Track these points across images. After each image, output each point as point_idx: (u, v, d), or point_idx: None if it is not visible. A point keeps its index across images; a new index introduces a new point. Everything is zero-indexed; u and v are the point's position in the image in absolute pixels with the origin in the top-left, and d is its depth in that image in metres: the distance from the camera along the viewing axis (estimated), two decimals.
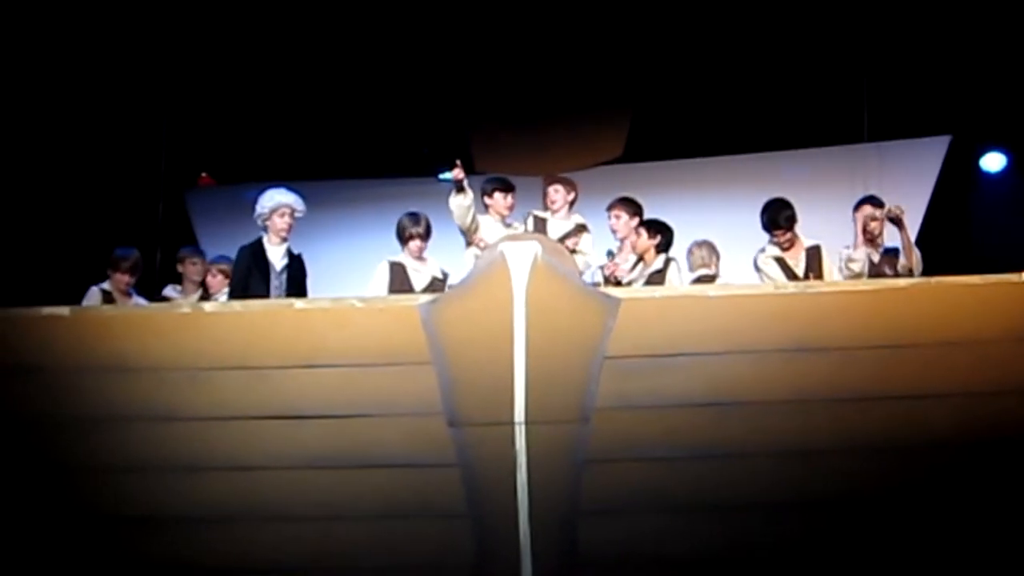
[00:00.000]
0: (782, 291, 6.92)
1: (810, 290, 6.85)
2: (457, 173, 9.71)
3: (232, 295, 9.58)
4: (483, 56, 12.42)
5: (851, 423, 6.66)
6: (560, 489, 6.75)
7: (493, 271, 6.56)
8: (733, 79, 12.82)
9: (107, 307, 7.44)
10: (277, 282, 9.59)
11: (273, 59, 12.53)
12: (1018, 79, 12.24)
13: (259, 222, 9.74)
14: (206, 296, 10.35)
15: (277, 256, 9.66)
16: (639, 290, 8.59)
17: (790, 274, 9.64)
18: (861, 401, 6.63)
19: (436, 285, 9.59)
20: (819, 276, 9.55)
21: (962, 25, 11.92)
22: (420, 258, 9.74)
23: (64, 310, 6.77)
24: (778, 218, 9.75)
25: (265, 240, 9.71)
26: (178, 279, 10.88)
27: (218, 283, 10.19)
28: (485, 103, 12.82)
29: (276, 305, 7.05)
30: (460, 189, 9.75)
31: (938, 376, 6.57)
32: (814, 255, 9.75)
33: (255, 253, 9.68)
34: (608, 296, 6.68)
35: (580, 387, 6.65)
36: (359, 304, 6.87)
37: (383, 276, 9.64)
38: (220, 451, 6.82)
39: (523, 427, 6.64)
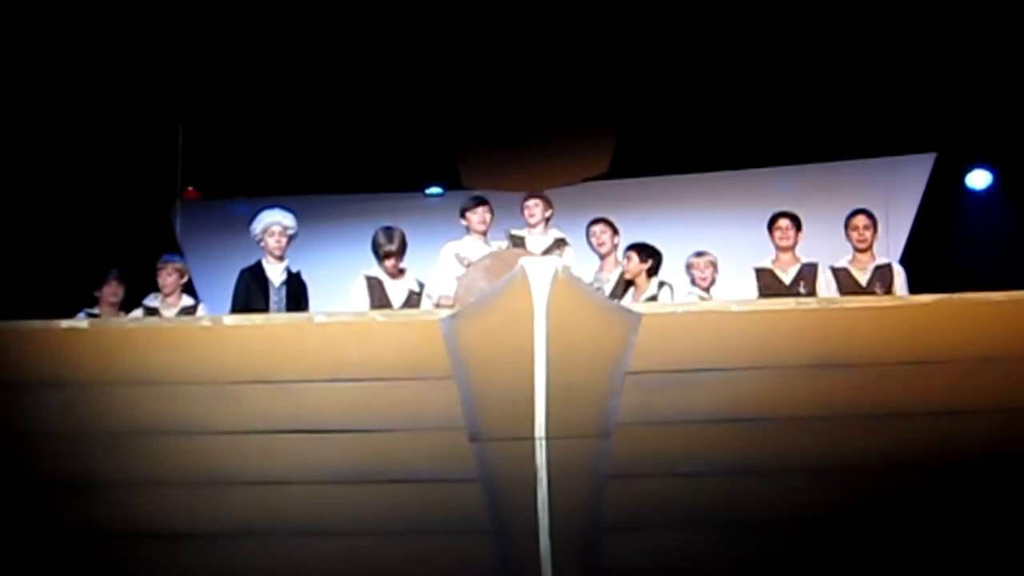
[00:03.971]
0: (805, 306, 6.88)
1: (834, 305, 6.83)
2: None
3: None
4: (470, 72, 12.42)
5: (875, 439, 6.66)
6: (581, 504, 6.73)
7: (514, 286, 6.52)
8: (720, 96, 12.85)
9: (127, 320, 7.38)
10: (276, 298, 9.78)
11: (260, 74, 12.49)
12: (1003, 97, 12.31)
13: (257, 244, 9.92)
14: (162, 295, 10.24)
15: (275, 273, 9.89)
16: (661, 305, 8.59)
17: (776, 284, 9.66)
18: (885, 417, 6.62)
19: (413, 299, 9.66)
20: (811, 291, 9.57)
21: (948, 43, 11.98)
22: (396, 274, 9.73)
23: (84, 323, 6.77)
24: (779, 217, 9.85)
25: (264, 260, 9.92)
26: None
27: (172, 282, 10.10)
28: (472, 119, 12.82)
29: (297, 319, 6.98)
30: None
31: (964, 392, 6.57)
32: (809, 271, 9.77)
33: (254, 272, 9.92)
34: (629, 311, 6.66)
35: (601, 402, 6.62)
36: (380, 318, 6.85)
37: (361, 290, 9.66)
38: (241, 465, 6.77)
39: (544, 442, 6.61)
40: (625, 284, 10.02)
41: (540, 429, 6.60)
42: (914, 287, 9.90)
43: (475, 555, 6.85)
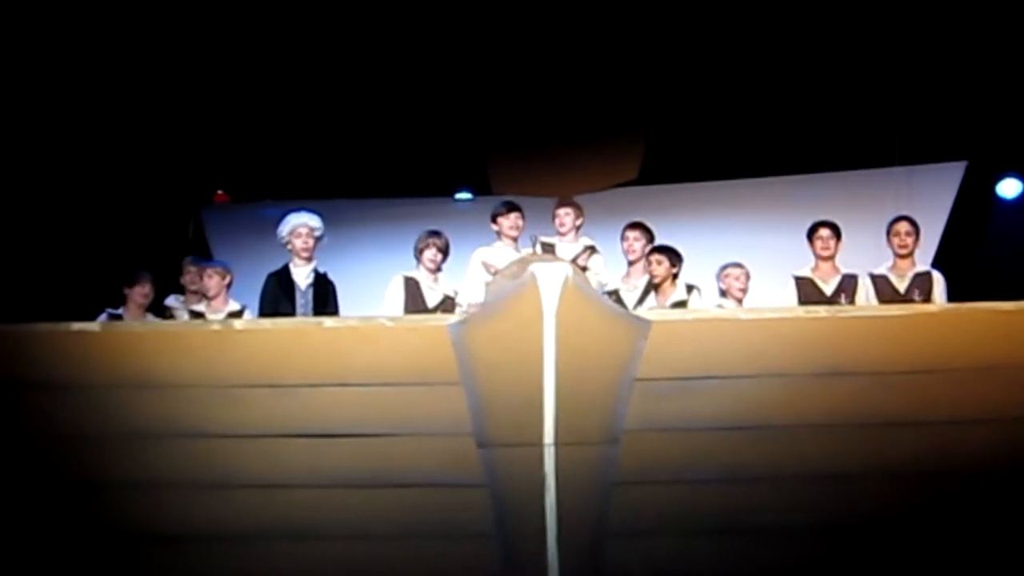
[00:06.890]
0: (813, 315, 6.89)
1: (841, 314, 6.84)
2: None
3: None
4: (500, 77, 12.43)
5: (881, 448, 6.65)
6: (588, 511, 6.73)
7: (523, 292, 6.52)
8: (750, 102, 12.83)
9: (137, 323, 7.42)
10: (303, 300, 9.84)
11: (290, 77, 12.55)
12: None
13: (284, 247, 9.99)
14: (206, 299, 10.26)
15: (302, 276, 9.94)
16: (670, 312, 8.56)
17: (817, 294, 9.62)
18: (891, 426, 6.62)
19: (447, 303, 9.66)
20: (852, 303, 9.52)
21: (979, 52, 11.94)
22: (435, 272, 9.75)
23: (95, 326, 6.81)
24: (820, 226, 9.79)
25: (291, 263, 9.98)
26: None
27: (215, 283, 10.10)
28: (502, 124, 12.83)
29: (305, 323, 7.05)
30: None
31: (969, 401, 6.56)
32: (850, 282, 9.72)
33: (280, 276, 9.97)
34: (639, 318, 6.67)
35: (609, 408, 6.62)
36: (388, 323, 6.87)
37: (397, 291, 9.70)
38: (249, 469, 6.80)
39: (552, 448, 6.61)
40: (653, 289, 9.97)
41: (548, 435, 6.61)
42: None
43: (482, 560, 6.86)
